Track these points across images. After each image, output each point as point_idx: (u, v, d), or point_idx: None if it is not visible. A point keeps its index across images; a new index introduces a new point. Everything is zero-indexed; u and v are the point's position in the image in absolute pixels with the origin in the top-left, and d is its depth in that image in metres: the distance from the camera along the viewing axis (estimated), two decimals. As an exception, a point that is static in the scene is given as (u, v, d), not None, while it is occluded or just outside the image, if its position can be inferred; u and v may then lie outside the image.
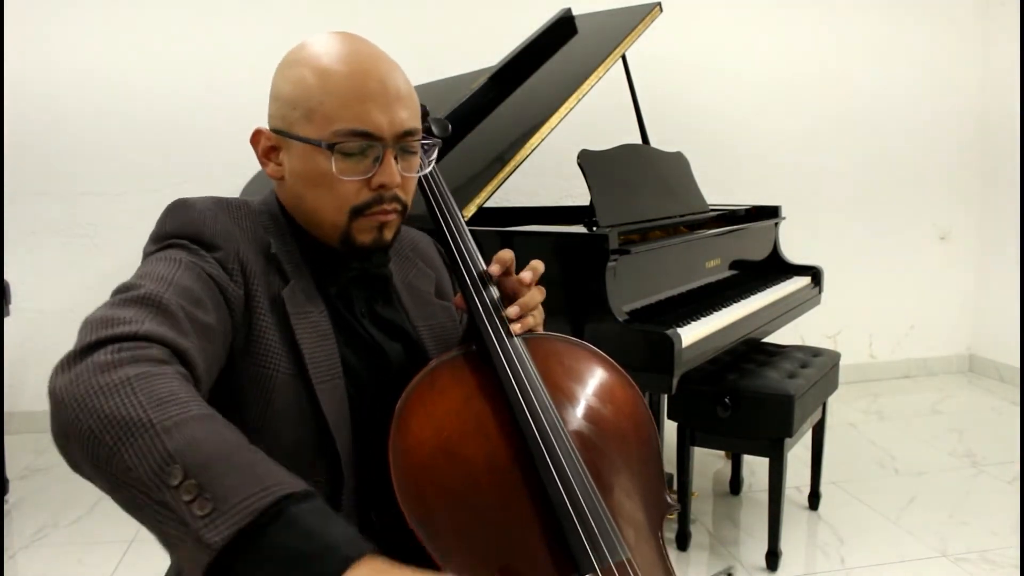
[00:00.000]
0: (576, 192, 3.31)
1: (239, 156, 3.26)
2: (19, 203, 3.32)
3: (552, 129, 2.19)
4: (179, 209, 0.91)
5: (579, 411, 0.96)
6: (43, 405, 0.67)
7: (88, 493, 2.77)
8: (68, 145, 3.35)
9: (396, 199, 0.92)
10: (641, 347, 1.83)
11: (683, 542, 2.27)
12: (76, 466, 0.66)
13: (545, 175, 3.33)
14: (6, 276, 2.61)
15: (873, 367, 4.15)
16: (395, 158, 0.89)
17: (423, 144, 0.95)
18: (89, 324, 0.72)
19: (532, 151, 2.14)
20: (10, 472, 2.84)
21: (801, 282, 2.71)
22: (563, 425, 0.90)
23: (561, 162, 2.60)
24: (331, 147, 0.86)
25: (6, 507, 2.65)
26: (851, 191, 4.01)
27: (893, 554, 2.25)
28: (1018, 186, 3.87)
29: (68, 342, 0.73)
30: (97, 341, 0.69)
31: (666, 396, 2.44)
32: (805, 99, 3.92)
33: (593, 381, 1.01)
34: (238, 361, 0.85)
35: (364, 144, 0.87)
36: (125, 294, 0.77)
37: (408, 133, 0.90)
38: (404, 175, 0.91)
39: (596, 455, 0.93)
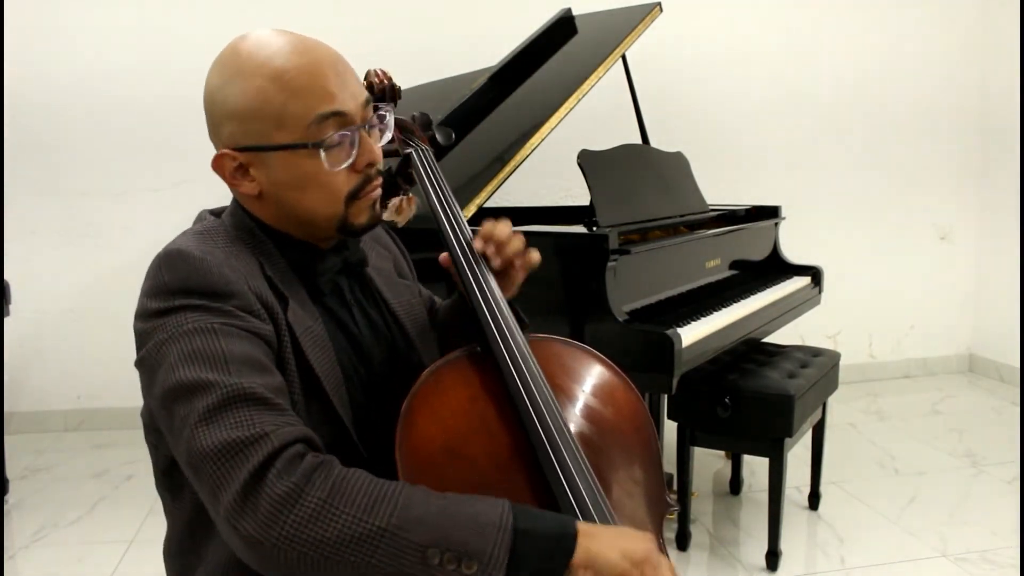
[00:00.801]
0: (576, 192, 3.31)
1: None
2: (19, 203, 3.32)
3: (552, 129, 2.19)
4: (174, 259, 0.84)
5: (581, 411, 0.98)
6: (43, 405, 0.67)
7: (88, 493, 2.77)
8: (68, 145, 3.35)
9: (379, 172, 0.93)
10: (641, 347, 1.83)
11: (683, 542, 2.27)
12: None
13: (545, 175, 3.33)
14: (6, 276, 2.61)
15: (873, 367, 4.15)
16: (369, 132, 0.91)
17: (380, 111, 0.95)
18: (215, 459, 0.73)
19: (532, 151, 2.14)
20: (10, 472, 2.84)
21: (801, 282, 2.71)
22: (566, 422, 0.91)
23: (561, 162, 2.59)
24: (318, 145, 0.86)
25: (6, 507, 2.65)
26: (851, 191, 4.01)
27: (893, 554, 2.25)
28: (1018, 186, 3.87)
29: (68, 342, 0.73)
30: (252, 476, 0.72)
31: (666, 396, 2.44)
32: (806, 99, 3.92)
33: (594, 383, 1.02)
34: None
35: (342, 129, 0.87)
36: (204, 401, 0.75)
37: (368, 102, 0.91)
38: (380, 145, 0.94)
39: (597, 455, 0.94)
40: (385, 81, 1.11)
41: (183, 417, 0.76)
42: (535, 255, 1.04)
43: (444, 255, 1.03)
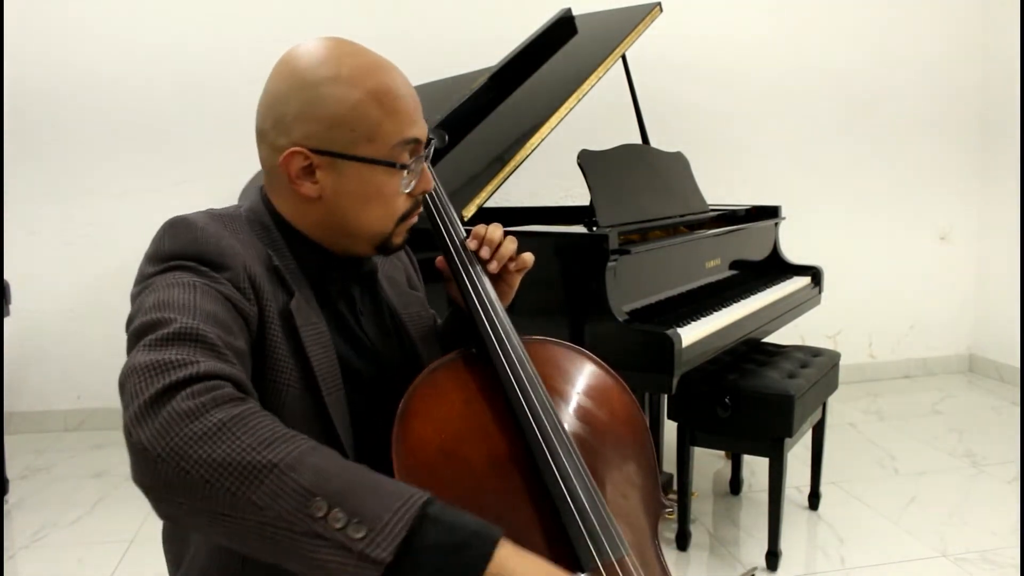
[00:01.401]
0: (576, 192, 3.31)
1: (238, 157, 3.27)
2: (19, 203, 3.32)
3: (552, 129, 2.19)
4: (179, 227, 0.86)
5: (576, 413, 0.99)
6: (43, 405, 0.68)
7: (88, 493, 2.77)
8: (68, 145, 3.35)
9: (422, 201, 0.98)
10: (641, 347, 1.83)
11: (683, 542, 2.27)
12: (177, 516, 0.67)
13: (545, 175, 3.33)
14: (6, 276, 2.61)
15: (873, 367, 4.15)
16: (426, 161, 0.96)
17: (432, 142, 1.00)
18: (140, 372, 0.70)
19: (532, 151, 2.14)
20: (10, 472, 2.84)
21: (801, 282, 2.71)
22: (562, 424, 0.91)
23: (561, 162, 2.60)
24: (404, 166, 0.90)
25: (6, 507, 2.65)
26: (851, 191, 4.01)
27: (893, 554, 2.25)
28: (1018, 186, 3.87)
29: (68, 342, 0.73)
30: (165, 388, 0.68)
31: (666, 396, 2.44)
32: (805, 99, 3.92)
33: (590, 385, 1.03)
34: (253, 379, 0.85)
35: (415, 155, 0.92)
36: (157, 332, 0.74)
37: (428, 138, 0.96)
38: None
39: (593, 457, 0.94)
40: None
41: (135, 347, 0.75)
42: (528, 257, 1.06)
43: (440, 258, 1.04)
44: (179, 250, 0.84)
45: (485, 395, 0.93)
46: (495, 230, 1.03)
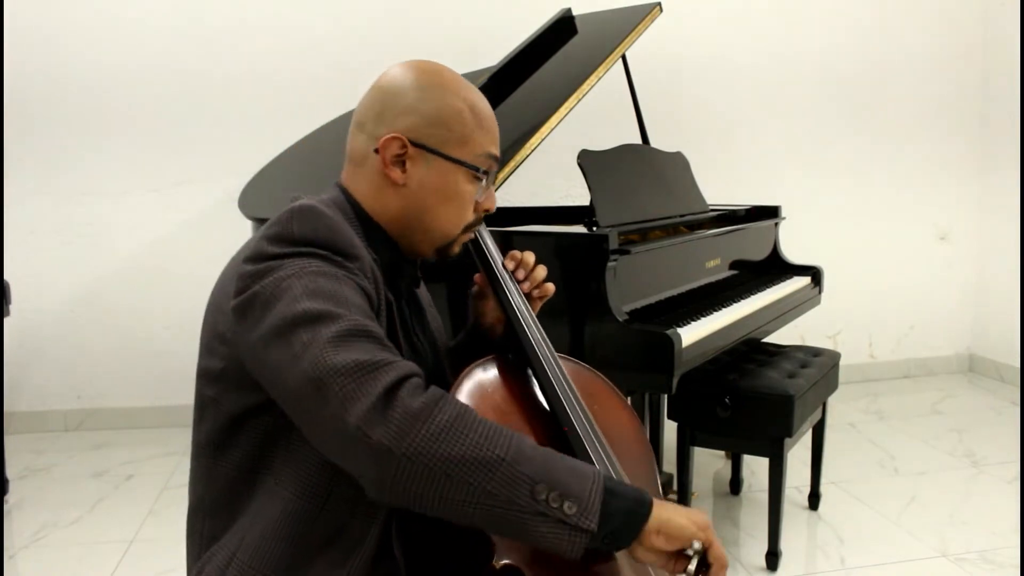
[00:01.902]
0: (576, 192, 3.31)
1: (239, 156, 3.28)
2: (19, 203, 3.32)
3: (552, 129, 2.19)
4: (308, 213, 0.90)
5: (599, 423, 1.07)
6: (43, 405, 0.68)
7: (88, 493, 2.77)
8: (68, 144, 3.35)
9: (482, 219, 1.08)
10: (641, 347, 1.83)
11: (683, 542, 2.27)
12: (403, 502, 0.78)
13: (545, 175, 3.33)
14: (6, 276, 2.61)
15: (873, 367, 4.15)
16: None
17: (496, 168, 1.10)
18: (349, 373, 0.77)
19: (532, 151, 2.14)
20: (10, 472, 2.84)
21: (801, 282, 2.71)
22: (596, 428, 1.03)
23: (561, 162, 2.59)
24: (486, 173, 1.01)
25: (6, 507, 2.65)
26: (851, 191, 4.01)
27: (893, 554, 2.25)
28: (1018, 186, 3.87)
29: (68, 342, 0.73)
30: (387, 390, 0.77)
31: (666, 396, 2.44)
32: (806, 99, 3.92)
33: (604, 401, 1.14)
34: None
35: (492, 165, 1.03)
36: (332, 328, 0.80)
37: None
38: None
39: (619, 461, 1.04)
40: None
41: (307, 341, 0.79)
42: (550, 287, 1.18)
43: (479, 275, 1.14)
44: (310, 236, 0.88)
45: (522, 395, 1.04)
46: (530, 255, 1.15)
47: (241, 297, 0.86)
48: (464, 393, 0.98)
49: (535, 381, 1.07)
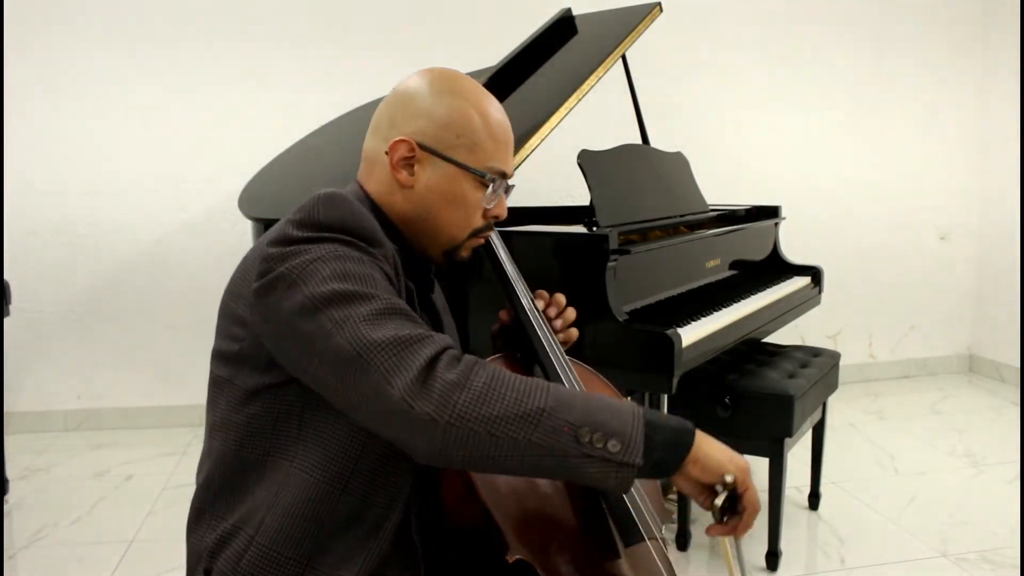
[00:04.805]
0: (576, 192, 3.31)
1: (239, 157, 3.27)
2: (19, 203, 3.32)
3: (552, 129, 2.18)
4: (334, 201, 0.92)
5: None
6: (43, 405, 0.68)
7: (88, 493, 2.77)
8: (68, 145, 3.35)
9: (492, 225, 1.08)
10: (641, 347, 1.83)
11: (683, 542, 2.27)
12: (451, 463, 0.82)
13: (545, 175, 3.33)
14: (6, 276, 2.61)
15: (873, 367, 4.15)
16: (506, 192, 1.07)
17: (512, 184, 1.11)
18: (388, 348, 0.81)
19: (532, 151, 2.14)
20: (10, 472, 2.84)
21: (801, 282, 2.71)
22: None
23: (561, 162, 2.59)
24: (492, 180, 1.01)
25: (6, 507, 2.64)
26: (851, 190, 4.01)
27: (893, 554, 2.25)
28: (1018, 186, 3.87)
29: (68, 342, 0.73)
30: (426, 364, 0.80)
31: (666, 396, 2.44)
32: (806, 99, 3.92)
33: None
34: None
35: (501, 182, 1.04)
36: (367, 306, 0.83)
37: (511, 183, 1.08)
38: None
39: None
40: None
41: (341, 319, 0.82)
42: (574, 333, 1.18)
43: (504, 311, 1.15)
44: (337, 223, 0.90)
45: None
46: (561, 297, 1.18)
47: (265, 279, 0.87)
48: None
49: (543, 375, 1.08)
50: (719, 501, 0.86)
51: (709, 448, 0.86)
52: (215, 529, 0.95)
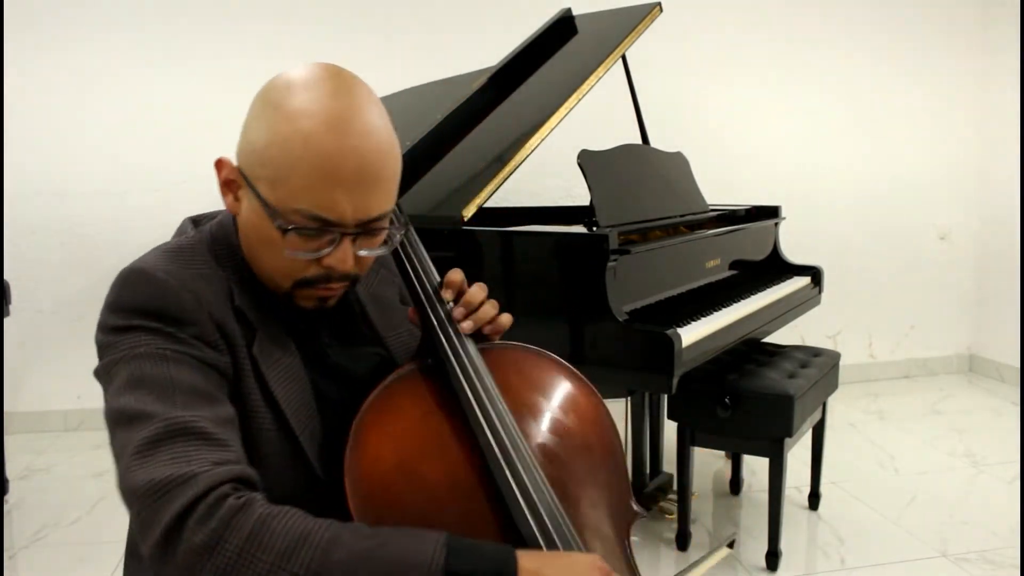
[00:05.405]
0: (576, 192, 3.31)
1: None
2: (19, 203, 3.32)
3: (552, 129, 2.19)
4: (136, 279, 0.82)
5: (541, 422, 0.94)
6: (43, 405, 0.68)
7: (88, 493, 2.77)
8: (68, 145, 3.35)
9: (346, 277, 0.87)
10: (641, 347, 1.83)
11: (683, 542, 2.27)
12: None
13: (545, 175, 3.33)
14: (6, 276, 2.61)
15: (873, 367, 4.15)
16: (353, 240, 0.83)
17: (393, 237, 0.91)
18: (143, 497, 0.72)
19: (532, 151, 2.14)
20: (10, 472, 2.84)
21: (801, 282, 2.71)
22: (522, 437, 0.88)
23: (561, 162, 2.59)
24: (285, 231, 0.80)
25: (6, 507, 2.65)
26: (851, 191, 4.01)
27: (893, 554, 2.25)
28: (1018, 186, 3.87)
29: (68, 342, 0.73)
30: (173, 521, 0.70)
31: (666, 396, 2.44)
32: (805, 98, 3.92)
33: (554, 391, 0.98)
34: None
35: (320, 228, 0.81)
36: (143, 432, 0.74)
37: (374, 220, 0.83)
38: (360, 254, 0.85)
39: (559, 467, 0.91)
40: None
41: (122, 446, 0.75)
42: (506, 320, 0.99)
43: (412, 309, 0.99)
44: (140, 305, 0.81)
45: (444, 410, 0.89)
46: (477, 292, 0.96)
47: (96, 366, 0.83)
48: (376, 412, 0.86)
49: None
50: None
51: (539, 564, 0.73)
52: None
